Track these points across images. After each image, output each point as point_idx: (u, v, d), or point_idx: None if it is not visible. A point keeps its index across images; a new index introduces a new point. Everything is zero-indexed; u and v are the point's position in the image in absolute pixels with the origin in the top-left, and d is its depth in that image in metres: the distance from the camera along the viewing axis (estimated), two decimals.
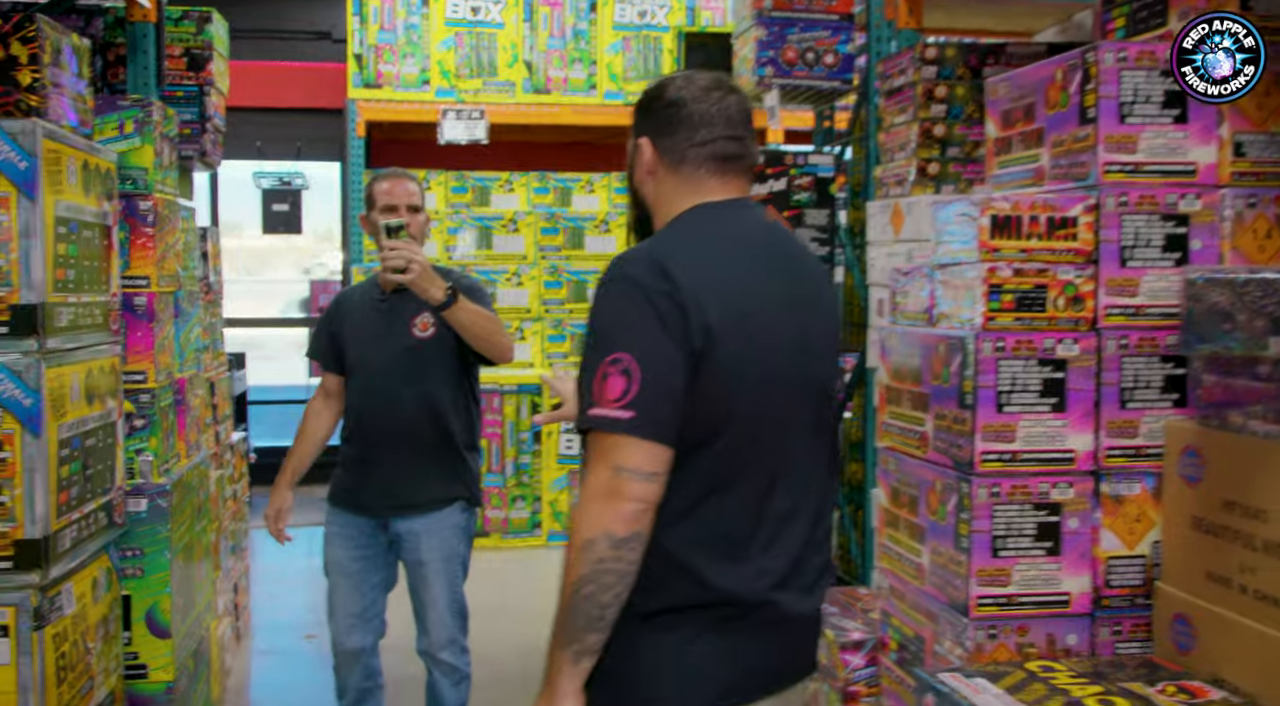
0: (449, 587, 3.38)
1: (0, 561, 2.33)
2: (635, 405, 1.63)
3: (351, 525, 3.33)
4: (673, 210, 1.88)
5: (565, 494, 6.77)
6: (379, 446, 3.28)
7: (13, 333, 2.32)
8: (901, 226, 4.06)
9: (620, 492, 1.63)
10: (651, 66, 7.60)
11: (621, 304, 1.70)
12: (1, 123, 2.31)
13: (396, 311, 3.31)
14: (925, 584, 3.03)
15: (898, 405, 3.23)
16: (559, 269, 7.10)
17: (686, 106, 1.85)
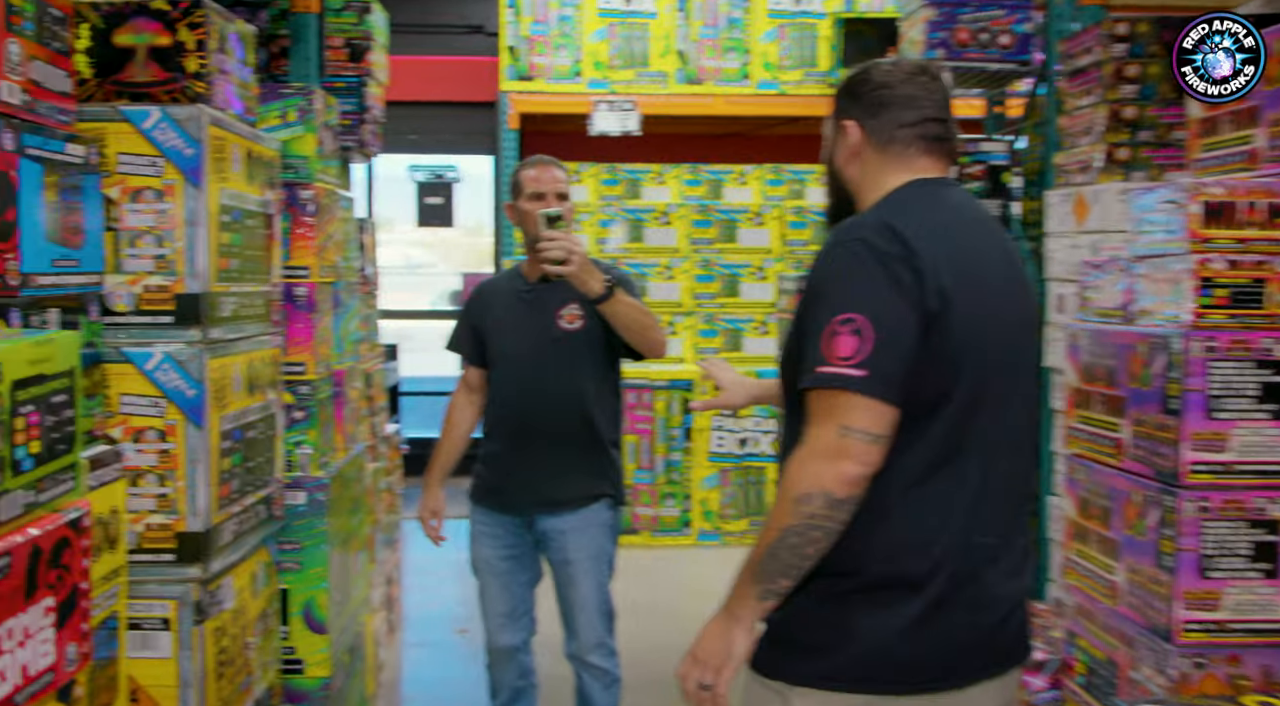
0: (597, 588, 3.28)
1: (162, 554, 2.31)
2: (867, 364, 1.65)
3: (497, 523, 3.26)
4: (882, 189, 1.90)
5: (716, 492, 6.63)
6: (523, 442, 3.20)
7: (177, 322, 2.30)
8: (1086, 216, 3.81)
9: (846, 452, 1.65)
10: (807, 55, 7.39)
11: (851, 265, 1.72)
12: (169, 109, 2.28)
13: (542, 303, 3.22)
14: (1119, 604, 2.80)
15: (1088, 409, 3.01)
16: (711, 262, 6.96)
17: (894, 88, 1.89)
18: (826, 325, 1.68)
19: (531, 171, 3.23)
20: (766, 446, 6.64)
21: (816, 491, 1.66)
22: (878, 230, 1.74)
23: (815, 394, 1.70)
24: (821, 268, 1.78)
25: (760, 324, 6.94)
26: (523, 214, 3.22)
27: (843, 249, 1.75)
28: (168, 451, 2.29)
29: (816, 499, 1.66)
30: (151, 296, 2.29)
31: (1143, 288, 2.85)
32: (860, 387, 1.65)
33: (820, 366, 1.68)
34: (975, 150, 4.41)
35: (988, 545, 1.82)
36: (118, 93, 2.36)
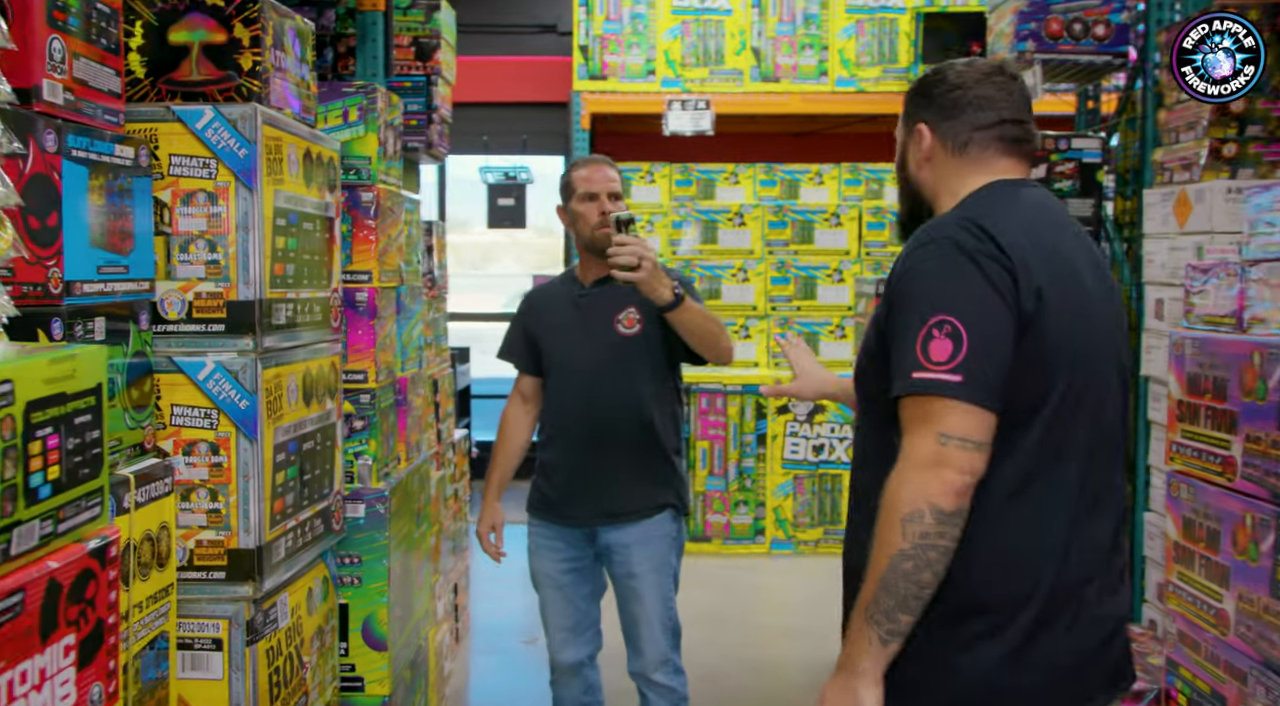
0: (662, 602, 3.15)
1: (213, 571, 2.22)
2: (964, 368, 1.58)
3: (557, 536, 3.15)
4: (958, 193, 1.84)
5: (789, 500, 6.46)
6: (583, 451, 3.08)
7: (229, 330, 2.20)
8: (1189, 217, 3.58)
9: (947, 461, 1.57)
10: (886, 51, 7.18)
11: (943, 266, 1.65)
12: (221, 107, 2.19)
13: (598, 307, 3.09)
14: (1229, 634, 2.61)
15: (1193, 423, 2.81)
16: (786, 264, 6.80)
17: (970, 89, 1.84)
18: (919, 328, 1.62)
19: (583, 171, 3.11)
20: (842, 453, 6.45)
21: (925, 507, 1.57)
22: (966, 228, 1.68)
23: (909, 401, 1.63)
24: (908, 269, 1.70)
25: (837, 327, 6.75)
26: (576, 215, 3.10)
27: (932, 248, 1.68)
28: (220, 465, 2.20)
29: (926, 515, 1.57)
30: (203, 304, 2.20)
31: (1257, 293, 2.64)
32: (957, 393, 1.58)
33: (915, 371, 1.61)
34: (1066, 147, 4.19)
35: (1087, 561, 1.74)
36: (171, 92, 2.27)
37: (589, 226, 3.06)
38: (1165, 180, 3.78)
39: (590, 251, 3.10)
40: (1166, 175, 3.77)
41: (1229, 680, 2.60)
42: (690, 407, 6.47)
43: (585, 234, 3.08)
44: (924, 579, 1.58)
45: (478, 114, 8.13)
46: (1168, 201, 3.68)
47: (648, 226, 6.99)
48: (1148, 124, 4.04)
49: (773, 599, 5.71)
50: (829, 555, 6.38)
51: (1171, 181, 3.73)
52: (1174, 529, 2.89)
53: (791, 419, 6.44)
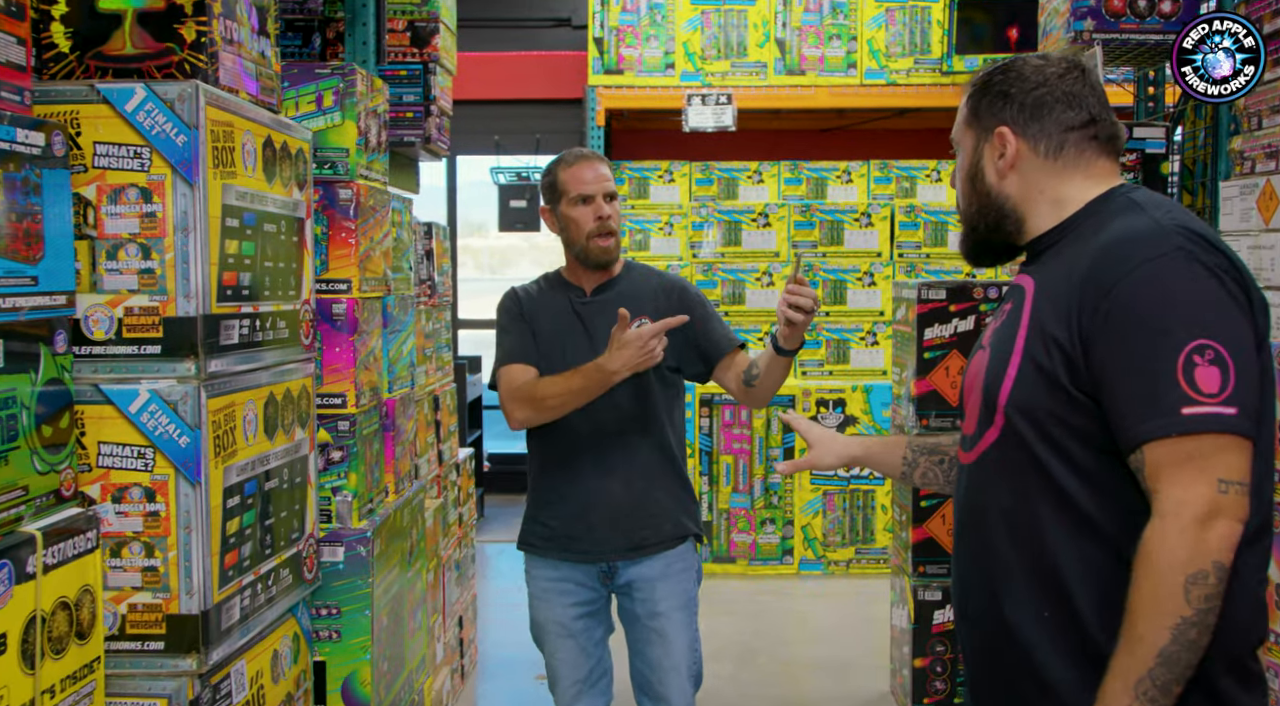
0: (689, 645, 2.79)
1: (150, 641, 1.86)
2: (1236, 399, 1.41)
3: (566, 577, 2.76)
4: (1065, 201, 1.65)
5: (819, 518, 6.08)
6: (596, 477, 2.71)
7: (166, 353, 1.85)
8: (1275, 211, 3.19)
9: (1227, 511, 1.41)
10: (918, 41, 6.78)
11: (1187, 282, 1.45)
12: (155, 86, 1.83)
13: (606, 316, 2.71)
14: None
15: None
16: (814, 267, 6.41)
17: (1055, 86, 1.67)
18: (1178, 355, 1.42)
19: (572, 169, 2.71)
20: None
21: (1210, 566, 1.39)
22: (1190, 239, 1.47)
23: (1169, 443, 1.41)
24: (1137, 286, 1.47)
25: (868, 334, 6.36)
26: (567, 220, 2.71)
27: (1170, 260, 1.45)
28: (156, 514, 1.84)
29: (1210, 576, 1.39)
30: (136, 321, 1.84)
31: None
32: (1236, 429, 1.41)
33: (1185, 406, 1.40)
34: (1127, 137, 3.80)
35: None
36: (101, 69, 1.92)
37: (583, 234, 2.69)
38: (1245, 171, 3.38)
39: (584, 263, 2.72)
40: (1247, 165, 3.37)
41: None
42: (713, 421, 6.09)
43: (579, 242, 2.70)
44: (1204, 645, 1.41)
45: (489, 112, 7.79)
46: (1249, 195, 3.29)
47: (666, 229, 6.62)
48: (1222, 109, 3.65)
49: (802, 627, 5.32)
50: (861, 577, 5.99)
51: (1253, 172, 3.34)
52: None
53: None
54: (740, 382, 2.75)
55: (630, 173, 6.80)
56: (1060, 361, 1.52)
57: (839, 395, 6.07)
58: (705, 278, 6.42)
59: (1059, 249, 1.62)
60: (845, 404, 6.06)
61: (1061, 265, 1.59)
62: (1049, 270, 1.61)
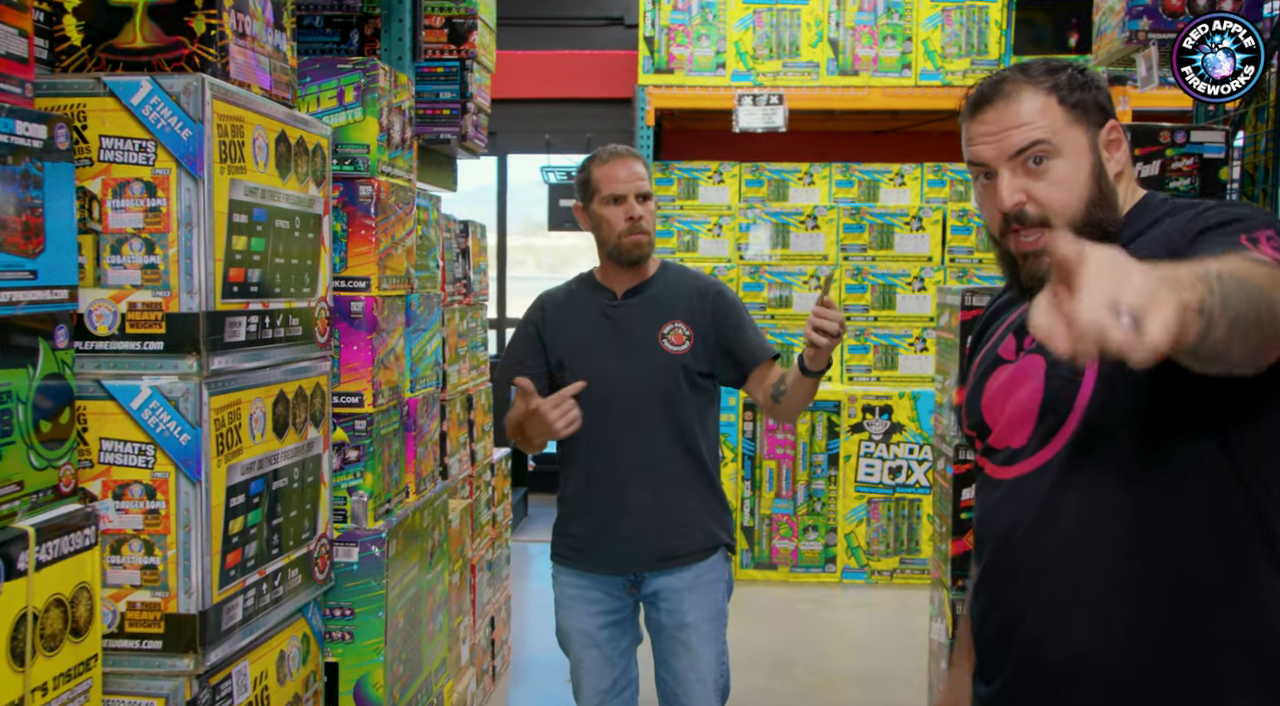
0: (716, 657, 2.72)
1: (148, 640, 1.84)
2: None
3: (594, 586, 2.72)
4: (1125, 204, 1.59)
5: (863, 526, 5.98)
6: (626, 487, 2.65)
7: (168, 349, 1.83)
8: None
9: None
10: (975, 42, 6.65)
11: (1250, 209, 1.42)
12: (161, 79, 1.81)
13: (636, 320, 2.65)
14: None
15: None
16: (863, 271, 6.31)
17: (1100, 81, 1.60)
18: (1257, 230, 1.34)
19: (607, 168, 2.66)
20: (921, 476, 5.95)
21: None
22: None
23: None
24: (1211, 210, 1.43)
25: (917, 339, 6.25)
26: (599, 220, 2.66)
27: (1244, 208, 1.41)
28: (156, 512, 1.82)
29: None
30: (139, 316, 1.82)
31: None
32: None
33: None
34: (1184, 141, 3.67)
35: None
36: (112, 63, 1.90)
37: (615, 233, 2.64)
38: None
39: (617, 261, 2.67)
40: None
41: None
42: (756, 425, 6.01)
43: (611, 241, 2.65)
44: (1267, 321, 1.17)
45: (540, 111, 7.78)
46: None
47: (715, 230, 6.55)
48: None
49: (841, 637, 5.23)
50: (904, 587, 5.88)
51: None
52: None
53: (866, 438, 5.96)
54: (768, 397, 2.69)
55: (679, 173, 6.75)
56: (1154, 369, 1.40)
57: (886, 401, 5.97)
58: (753, 279, 6.34)
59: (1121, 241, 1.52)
60: (892, 411, 5.95)
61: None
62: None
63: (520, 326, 2.77)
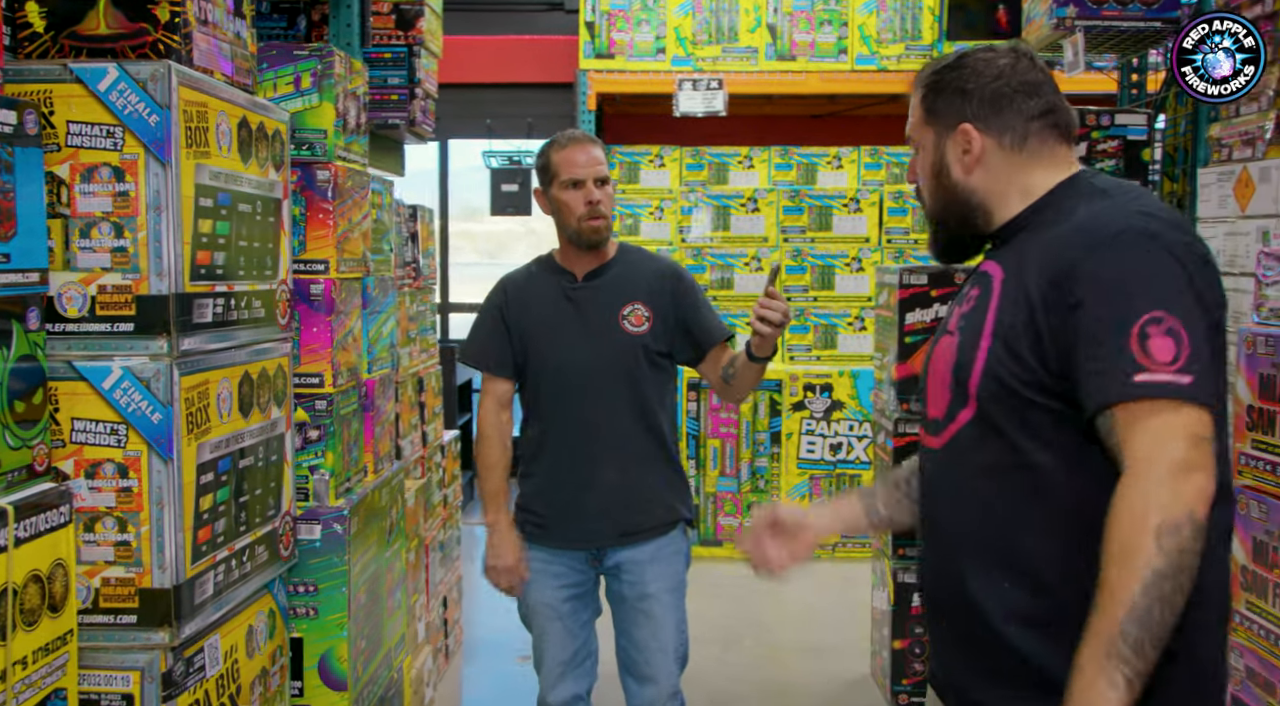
0: (676, 626, 2.81)
1: (122, 614, 1.89)
2: (1190, 369, 1.43)
3: (557, 560, 2.79)
4: (1031, 190, 1.67)
5: (805, 501, 6.11)
6: (589, 464, 2.73)
7: (139, 330, 1.87)
8: (1251, 198, 3.20)
9: (1200, 466, 1.41)
10: (909, 28, 6.79)
11: (1145, 260, 1.49)
12: (127, 65, 1.85)
13: (597, 302, 2.73)
14: None
15: (1267, 432, 2.46)
16: (803, 252, 6.43)
17: (1011, 78, 1.66)
18: (1131, 325, 1.45)
19: (565, 152, 2.73)
20: (861, 452, 6.09)
21: (1184, 518, 1.38)
22: (1150, 219, 1.51)
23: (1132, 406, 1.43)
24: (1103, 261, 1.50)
25: (856, 319, 6.39)
26: (559, 204, 2.72)
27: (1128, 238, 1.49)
28: (129, 489, 1.87)
29: (1185, 528, 1.38)
30: (109, 299, 1.87)
31: None
32: (1191, 396, 1.43)
33: (1138, 374, 1.44)
34: (1109, 123, 3.82)
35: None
36: (76, 49, 1.93)
37: (575, 217, 2.70)
38: (1223, 158, 3.40)
39: (577, 244, 2.74)
40: (1224, 152, 3.39)
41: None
42: (700, 405, 6.12)
43: (571, 225, 2.72)
44: (1178, 604, 1.38)
45: (481, 96, 7.79)
46: (1226, 181, 3.31)
47: (657, 213, 6.63)
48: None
49: (788, 611, 5.35)
50: (845, 561, 6.02)
51: (1230, 159, 3.36)
52: (1242, 552, 2.54)
53: (807, 416, 6.09)
54: (719, 378, 2.78)
55: (621, 157, 6.81)
56: (1029, 343, 1.53)
57: (826, 380, 6.10)
58: (695, 262, 6.43)
59: (1026, 234, 1.64)
60: (832, 389, 6.09)
61: (1030, 250, 1.60)
62: (1016, 255, 1.63)
63: (483, 310, 2.82)
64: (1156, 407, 1.42)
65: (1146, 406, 1.43)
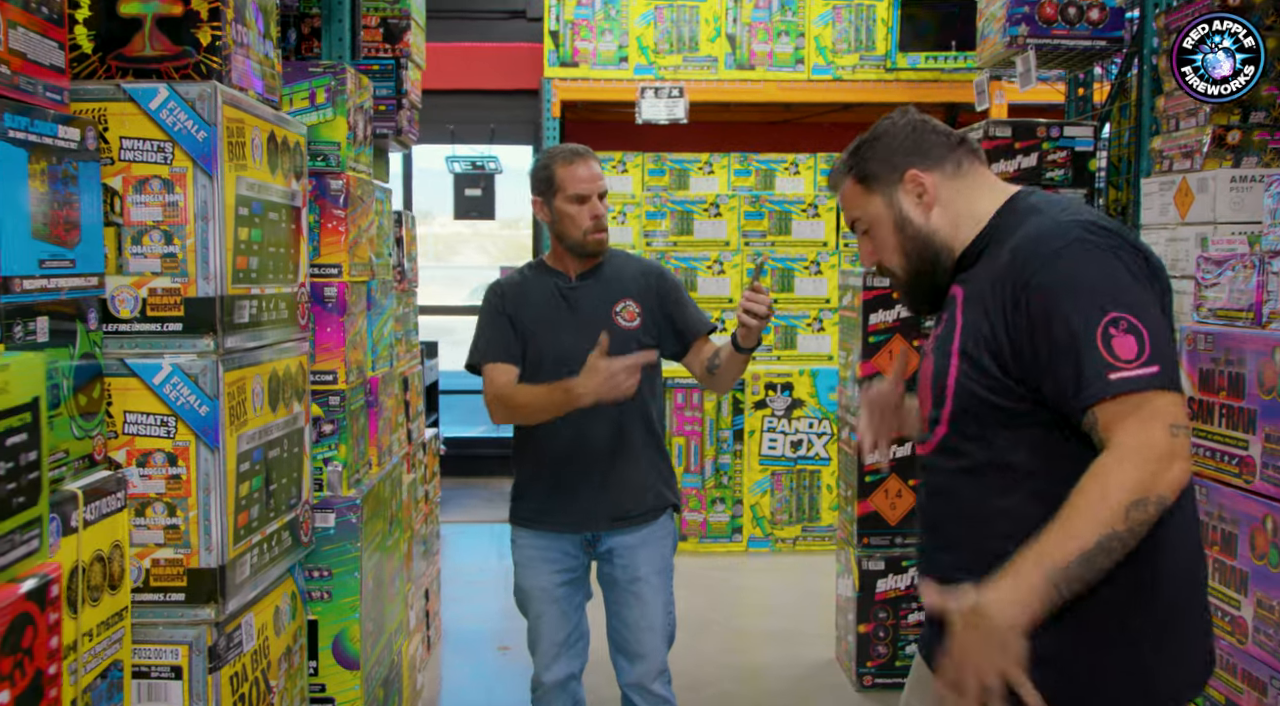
0: (664, 607, 3.00)
1: (171, 593, 2.04)
2: (1155, 359, 1.59)
3: (553, 545, 2.96)
4: (980, 213, 1.84)
5: (767, 497, 6.33)
6: (587, 453, 2.90)
7: (187, 330, 2.02)
8: (1190, 206, 3.46)
9: (1180, 455, 1.58)
10: (864, 39, 7.04)
11: (1090, 266, 1.64)
12: (177, 86, 2.00)
13: (591, 299, 2.91)
14: (1247, 643, 2.49)
15: (1207, 421, 2.68)
16: (763, 256, 6.64)
17: (917, 125, 1.88)
18: (1095, 329, 1.60)
19: (571, 168, 2.89)
20: (820, 449, 6.32)
21: (1153, 498, 1.56)
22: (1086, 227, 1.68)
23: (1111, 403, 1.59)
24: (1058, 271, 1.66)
25: (815, 320, 6.61)
26: (562, 215, 2.88)
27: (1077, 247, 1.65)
28: (178, 477, 2.02)
29: (1151, 506, 1.56)
30: (159, 301, 2.02)
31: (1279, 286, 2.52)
32: (1162, 384, 1.58)
33: (1111, 372, 1.59)
34: (1058, 135, 4.07)
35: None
36: (121, 69, 2.08)
37: (579, 229, 2.88)
38: (1164, 169, 3.66)
39: (576, 254, 2.91)
40: (1165, 163, 3.65)
41: (1247, 690, 2.48)
42: (665, 404, 6.31)
43: (574, 236, 2.89)
44: (1116, 559, 1.58)
45: (444, 102, 7.91)
46: (1167, 191, 3.56)
47: (620, 218, 6.82)
48: (1144, 111, 3.93)
49: (752, 600, 5.57)
50: (807, 553, 6.25)
51: (1171, 170, 3.61)
52: None
53: (769, 414, 6.31)
54: (704, 369, 2.96)
55: None
56: (991, 356, 1.70)
57: (786, 379, 6.32)
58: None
59: (981, 257, 1.81)
60: (793, 387, 6.31)
61: (984, 270, 1.78)
62: (975, 277, 1.80)
63: (485, 312, 2.94)
64: (1133, 401, 1.57)
65: (1123, 402, 1.57)
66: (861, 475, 4.26)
